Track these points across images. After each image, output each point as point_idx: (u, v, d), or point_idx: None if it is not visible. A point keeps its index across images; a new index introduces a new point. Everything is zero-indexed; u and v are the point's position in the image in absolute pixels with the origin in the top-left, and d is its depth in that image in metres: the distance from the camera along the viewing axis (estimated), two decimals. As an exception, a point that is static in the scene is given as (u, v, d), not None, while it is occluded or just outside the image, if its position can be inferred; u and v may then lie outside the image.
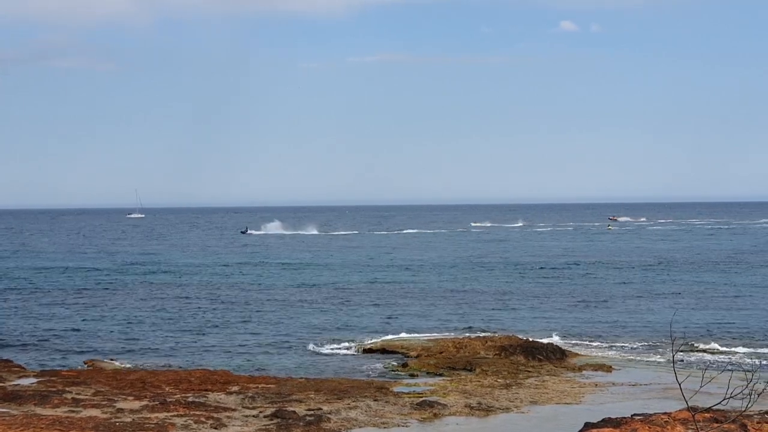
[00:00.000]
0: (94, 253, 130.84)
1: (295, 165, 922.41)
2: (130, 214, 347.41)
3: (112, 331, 56.16)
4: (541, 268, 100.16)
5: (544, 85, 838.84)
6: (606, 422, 27.60)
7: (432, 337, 50.61)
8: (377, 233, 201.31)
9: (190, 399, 34.24)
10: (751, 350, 47.52)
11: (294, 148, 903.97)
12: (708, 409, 20.01)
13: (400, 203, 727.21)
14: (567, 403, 34.82)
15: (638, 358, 46.14)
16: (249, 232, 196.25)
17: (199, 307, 67.11)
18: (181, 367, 43.36)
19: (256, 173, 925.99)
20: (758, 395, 12.42)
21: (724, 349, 47.96)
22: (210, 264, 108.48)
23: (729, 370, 22.63)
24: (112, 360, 45.71)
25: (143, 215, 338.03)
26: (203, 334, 54.89)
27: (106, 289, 79.91)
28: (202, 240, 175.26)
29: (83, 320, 60.75)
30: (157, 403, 33.25)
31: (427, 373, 41.44)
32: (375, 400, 34.38)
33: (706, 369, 16.00)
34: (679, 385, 12.02)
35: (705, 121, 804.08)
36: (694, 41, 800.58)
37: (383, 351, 47.65)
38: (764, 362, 43.59)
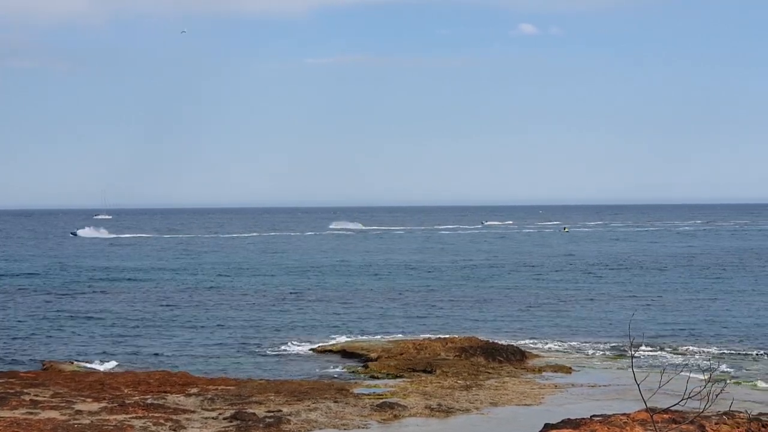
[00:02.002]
0: (30, 256, 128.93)
1: (262, 165, 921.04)
2: (97, 215, 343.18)
3: (74, 331, 55.79)
4: (493, 267, 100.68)
5: (504, 86, 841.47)
6: (565, 423, 27.79)
7: (392, 339, 50.68)
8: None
9: (149, 401, 34.07)
10: (709, 351, 47.96)
11: (261, 149, 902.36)
12: (666, 410, 20.18)
13: (357, 204, 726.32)
14: (527, 405, 35.00)
15: (597, 359, 46.44)
16: (77, 233, 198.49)
17: (153, 310, 66.43)
18: (140, 369, 43.07)
19: (221, 175, 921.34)
20: (716, 396, 12.54)
21: (682, 350, 48.40)
22: (164, 268, 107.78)
23: (687, 371, 22.77)
24: (70, 362, 45.31)
25: (110, 216, 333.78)
26: (161, 336, 54.54)
27: (51, 293, 78.33)
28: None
29: (37, 322, 60.09)
30: (115, 404, 33.06)
31: (388, 374, 41.45)
32: (335, 402, 34.39)
33: (664, 370, 16.11)
34: (638, 385, 12.09)
35: (665, 122, 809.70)
36: (655, 42, 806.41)
37: (344, 353, 47.64)
38: (721, 363, 44.03)
